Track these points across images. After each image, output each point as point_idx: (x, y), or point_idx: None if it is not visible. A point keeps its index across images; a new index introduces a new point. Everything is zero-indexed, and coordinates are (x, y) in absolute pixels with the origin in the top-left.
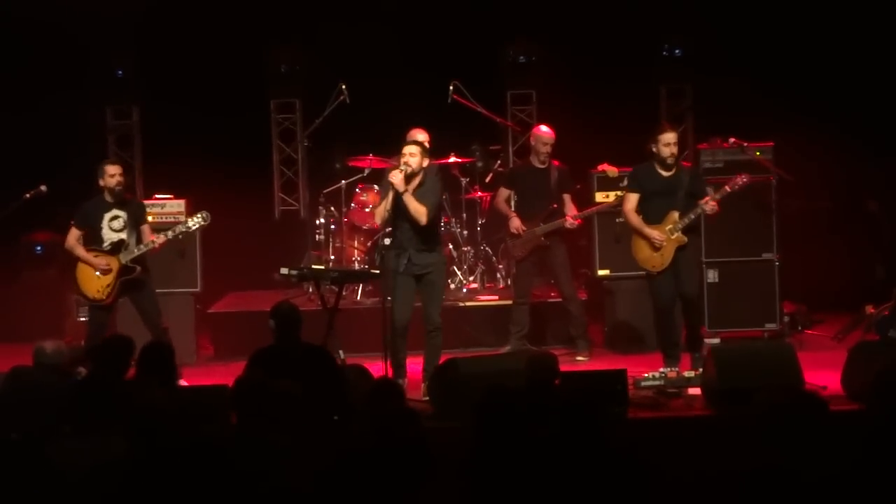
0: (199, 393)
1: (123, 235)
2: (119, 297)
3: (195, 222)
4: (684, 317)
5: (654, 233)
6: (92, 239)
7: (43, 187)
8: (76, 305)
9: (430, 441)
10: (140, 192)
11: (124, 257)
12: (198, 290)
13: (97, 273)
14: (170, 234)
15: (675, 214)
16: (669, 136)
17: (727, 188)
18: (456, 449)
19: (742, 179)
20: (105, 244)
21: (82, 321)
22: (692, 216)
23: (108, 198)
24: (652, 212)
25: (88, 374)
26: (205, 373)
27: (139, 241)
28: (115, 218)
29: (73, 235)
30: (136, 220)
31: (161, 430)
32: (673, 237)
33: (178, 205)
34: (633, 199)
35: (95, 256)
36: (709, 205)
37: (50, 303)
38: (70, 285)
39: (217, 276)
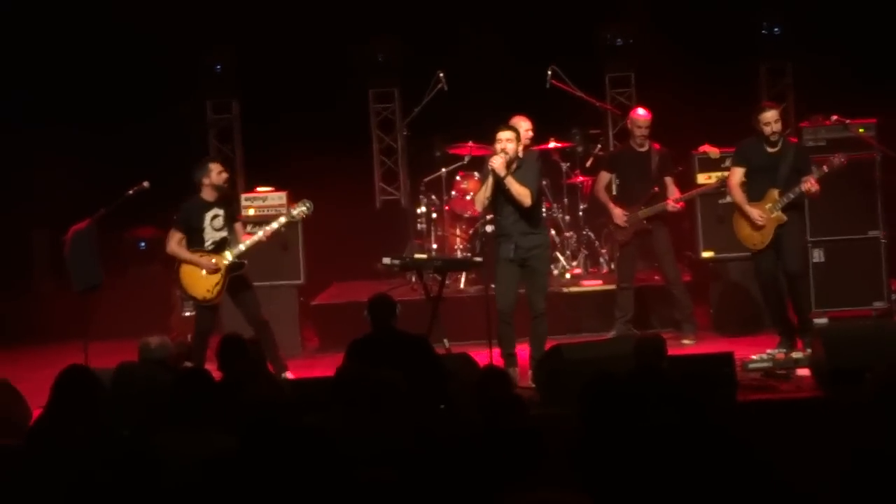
0: (304, 385)
1: (225, 234)
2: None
3: (300, 211)
4: (790, 298)
5: (754, 212)
6: (194, 240)
7: (145, 183)
8: (181, 301)
9: (538, 428)
10: (241, 186)
11: (231, 254)
12: (301, 282)
13: (204, 272)
14: (275, 224)
15: (776, 192)
16: (769, 115)
17: (824, 168)
18: (562, 436)
19: (839, 159)
20: (207, 244)
21: (187, 316)
22: (791, 195)
23: (207, 197)
24: (754, 188)
25: (188, 368)
26: (310, 364)
27: (236, 238)
28: (215, 217)
29: (175, 239)
30: (232, 218)
31: (267, 423)
32: (773, 216)
33: (279, 197)
34: (738, 174)
35: (200, 256)
36: (807, 184)
37: (155, 298)
38: (175, 281)
39: (320, 268)
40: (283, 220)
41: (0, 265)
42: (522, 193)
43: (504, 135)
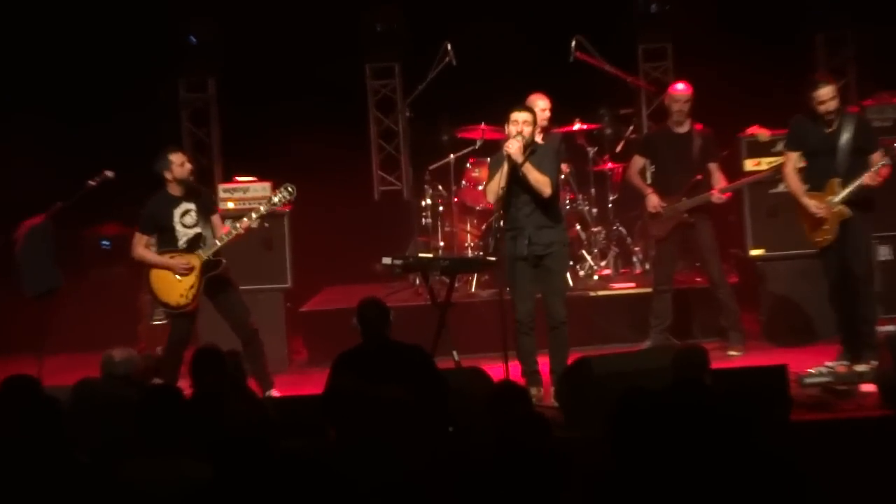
0: (291, 405)
1: (199, 230)
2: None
3: (280, 198)
4: (852, 304)
5: (811, 203)
6: (165, 240)
7: (109, 173)
8: (149, 307)
9: (561, 453)
10: (219, 175)
11: (206, 252)
12: (288, 285)
13: (177, 276)
14: (253, 215)
15: (836, 183)
16: (823, 92)
17: (886, 160)
18: (589, 462)
19: None
20: (180, 243)
21: (157, 325)
22: (852, 188)
23: (174, 191)
24: (813, 176)
25: (158, 385)
26: (298, 381)
27: (213, 233)
28: (186, 213)
29: (141, 242)
30: (207, 211)
31: (247, 449)
32: (834, 210)
33: (262, 188)
34: (793, 159)
35: (171, 258)
36: (868, 178)
37: (119, 305)
38: (142, 285)
39: (309, 270)
40: (262, 209)
41: None
42: (541, 182)
43: (519, 116)
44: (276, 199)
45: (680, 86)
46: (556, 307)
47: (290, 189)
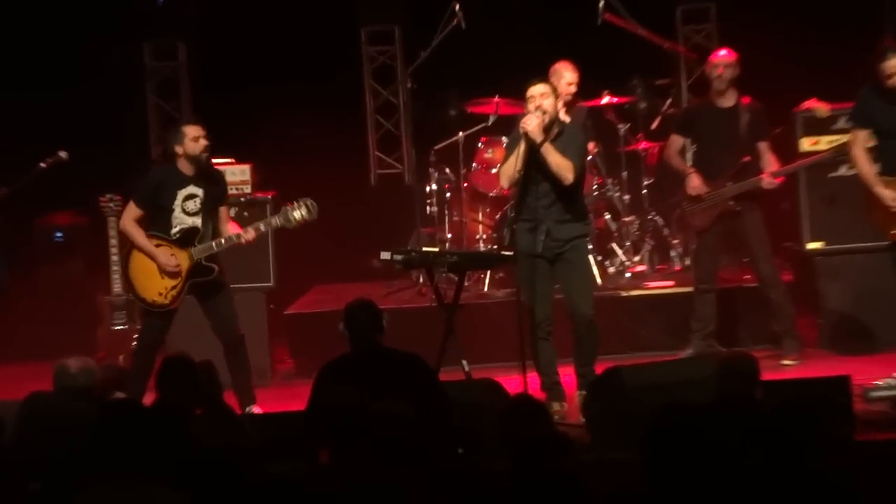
0: (275, 423)
1: (198, 221)
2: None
3: (298, 215)
4: None
5: (886, 193)
6: (158, 222)
7: (63, 153)
8: (110, 309)
9: (587, 479)
10: None
11: (199, 253)
12: (271, 284)
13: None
14: (262, 226)
15: None
16: (893, 64)
17: None
18: (620, 489)
19: None
20: (174, 230)
21: (118, 330)
22: None
23: (184, 169)
24: (883, 158)
25: (120, 399)
26: (283, 395)
27: (215, 229)
28: (190, 197)
29: (132, 215)
30: (214, 201)
31: (226, 473)
32: None
33: (240, 171)
34: (861, 138)
35: (158, 246)
36: None
37: (75, 306)
38: (122, 270)
39: (296, 266)
40: (275, 221)
41: None
42: (563, 167)
43: (536, 89)
44: (293, 216)
45: (724, 52)
46: (582, 305)
47: (309, 205)
